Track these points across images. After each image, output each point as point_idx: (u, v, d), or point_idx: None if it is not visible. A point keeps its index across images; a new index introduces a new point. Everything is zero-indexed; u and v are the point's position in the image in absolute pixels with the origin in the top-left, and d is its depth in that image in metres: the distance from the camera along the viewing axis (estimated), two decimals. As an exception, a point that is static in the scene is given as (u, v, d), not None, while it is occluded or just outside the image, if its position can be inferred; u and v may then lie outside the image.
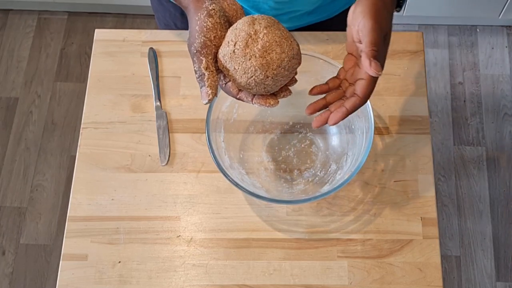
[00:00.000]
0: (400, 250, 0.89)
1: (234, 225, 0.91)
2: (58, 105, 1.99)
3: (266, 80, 0.70)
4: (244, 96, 0.73)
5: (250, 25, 0.70)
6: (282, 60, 0.70)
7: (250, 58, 0.69)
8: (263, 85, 0.70)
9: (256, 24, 0.70)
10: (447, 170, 1.87)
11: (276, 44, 0.69)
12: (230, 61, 0.70)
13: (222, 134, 0.89)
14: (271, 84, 0.71)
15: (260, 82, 0.70)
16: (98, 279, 0.88)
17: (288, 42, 0.70)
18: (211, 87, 0.69)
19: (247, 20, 0.70)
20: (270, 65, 0.69)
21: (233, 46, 0.69)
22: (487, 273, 1.75)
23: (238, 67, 0.69)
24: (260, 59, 0.69)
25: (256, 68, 0.69)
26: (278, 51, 0.69)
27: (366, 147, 0.83)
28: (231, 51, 0.69)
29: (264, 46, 0.69)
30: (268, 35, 0.69)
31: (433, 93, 1.98)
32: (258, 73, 0.69)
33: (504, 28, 2.08)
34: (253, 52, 0.69)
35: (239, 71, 0.70)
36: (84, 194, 0.93)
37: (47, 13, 2.13)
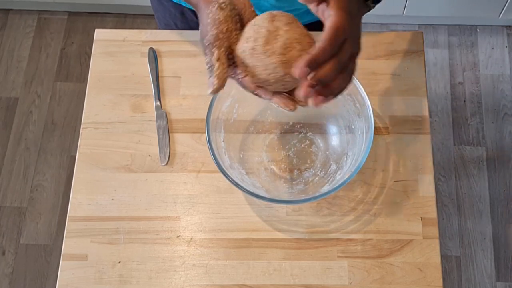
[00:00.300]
0: (400, 250, 0.89)
1: (234, 225, 0.91)
2: (58, 105, 1.99)
3: (285, 77, 0.69)
4: (263, 93, 0.72)
5: (270, 21, 0.69)
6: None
7: (270, 55, 0.68)
8: (282, 82, 0.70)
9: (276, 21, 0.69)
10: (447, 170, 1.87)
11: (296, 42, 0.68)
12: (250, 58, 0.69)
13: (222, 134, 0.89)
14: (290, 81, 0.70)
15: (280, 79, 0.69)
16: (98, 279, 0.88)
17: (307, 39, 0.69)
18: (218, 78, 0.68)
19: (267, 17, 0.70)
20: (290, 63, 0.68)
21: (253, 42, 0.68)
22: (487, 273, 1.75)
23: (258, 63, 0.69)
24: (280, 56, 0.68)
25: (276, 65, 0.68)
26: (299, 48, 0.68)
27: (366, 147, 0.83)
28: (251, 47, 0.69)
29: (285, 43, 0.68)
30: (289, 32, 0.68)
31: (433, 93, 1.98)
32: (278, 70, 0.68)
33: (504, 28, 2.08)
34: (273, 49, 0.68)
35: (259, 67, 0.69)
36: (84, 194, 0.93)
37: (47, 13, 2.13)
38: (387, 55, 1.01)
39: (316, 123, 0.96)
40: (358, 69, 0.99)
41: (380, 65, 1.00)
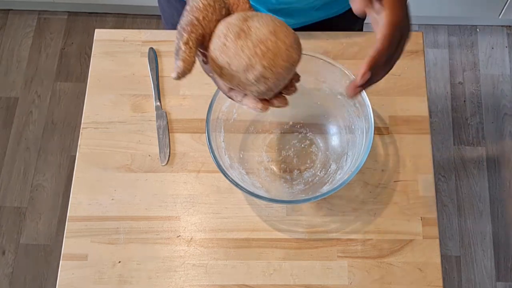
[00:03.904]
0: (400, 250, 0.89)
1: (234, 225, 0.91)
2: (58, 105, 1.99)
3: (265, 73, 0.64)
4: (234, 94, 0.69)
5: (243, 21, 0.65)
6: (279, 48, 0.64)
7: (242, 49, 0.64)
8: (264, 80, 0.65)
9: (250, 21, 0.65)
10: (447, 170, 1.87)
11: (270, 34, 0.64)
12: (221, 55, 0.65)
13: (222, 134, 0.89)
14: (271, 78, 0.65)
15: (260, 77, 0.64)
16: (98, 279, 0.88)
17: (283, 32, 0.65)
18: (184, 61, 0.63)
19: (240, 17, 0.66)
20: (265, 54, 0.63)
21: (224, 38, 0.64)
22: (487, 273, 1.75)
23: (231, 60, 0.64)
24: (253, 48, 0.63)
25: (250, 57, 0.63)
26: (273, 39, 0.64)
27: (366, 147, 0.83)
28: (222, 43, 0.64)
29: (257, 37, 0.64)
30: (261, 28, 0.64)
31: (433, 93, 1.98)
32: (253, 63, 0.63)
33: (504, 28, 2.08)
34: (245, 43, 0.64)
35: (233, 64, 0.64)
36: (84, 194, 0.93)
37: (47, 13, 2.13)
38: (387, 55, 1.00)
39: (316, 123, 0.96)
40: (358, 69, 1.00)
41: (380, 65, 1.00)
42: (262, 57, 0.64)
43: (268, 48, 0.64)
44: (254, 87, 0.66)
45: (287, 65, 0.65)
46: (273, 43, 0.64)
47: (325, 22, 1.07)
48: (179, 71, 0.63)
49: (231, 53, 0.64)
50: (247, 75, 0.64)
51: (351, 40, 1.01)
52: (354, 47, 1.01)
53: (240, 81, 0.66)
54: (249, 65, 0.64)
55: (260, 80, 0.65)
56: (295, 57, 0.66)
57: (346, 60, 0.99)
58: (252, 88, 0.66)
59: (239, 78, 0.65)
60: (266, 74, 0.64)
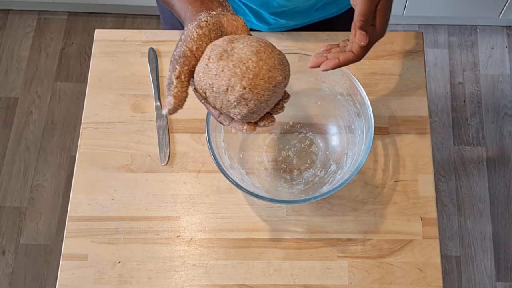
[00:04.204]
0: (400, 250, 0.89)
1: (234, 225, 0.91)
2: (58, 105, 1.99)
3: (244, 93, 0.62)
4: (223, 118, 0.68)
5: (228, 42, 0.64)
6: (260, 68, 0.62)
7: (223, 69, 0.62)
8: (244, 102, 0.63)
9: (235, 42, 0.64)
10: (447, 170, 1.87)
11: (252, 53, 0.63)
12: (204, 77, 0.64)
13: (222, 134, 0.89)
14: (252, 100, 0.63)
15: (240, 98, 0.62)
16: (98, 279, 0.88)
17: (267, 52, 0.64)
18: (175, 97, 0.64)
19: (227, 39, 0.65)
20: (245, 74, 0.62)
21: (207, 59, 0.64)
22: (487, 273, 1.75)
23: (212, 81, 0.63)
24: (234, 69, 0.62)
25: (230, 77, 0.62)
26: (255, 59, 0.62)
27: (366, 147, 0.83)
28: (204, 64, 0.64)
29: (238, 57, 0.63)
30: (244, 48, 0.63)
31: (433, 93, 1.98)
32: (233, 83, 0.62)
33: (504, 28, 2.08)
34: (226, 63, 0.62)
35: (215, 86, 0.63)
36: (84, 194, 0.93)
37: (47, 13, 2.13)
38: (387, 55, 1.01)
39: (316, 123, 0.96)
40: (358, 69, 1.00)
41: (380, 65, 1.00)
42: (242, 77, 0.62)
43: (248, 68, 0.62)
44: (236, 109, 0.64)
45: (268, 87, 0.63)
46: (254, 63, 0.62)
47: (325, 22, 1.07)
48: (170, 107, 0.64)
49: (212, 74, 0.63)
50: (228, 96, 0.63)
51: (351, 40, 1.01)
52: (354, 47, 1.01)
53: (222, 104, 0.65)
54: (229, 85, 0.63)
55: (240, 101, 0.63)
56: (278, 79, 0.64)
57: (346, 60, 0.99)
58: (234, 110, 0.65)
59: (221, 100, 0.64)
60: (246, 95, 0.63)
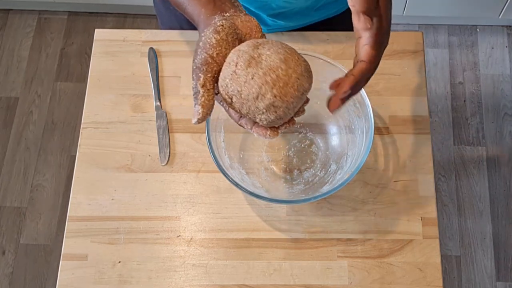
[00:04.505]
0: (400, 250, 0.89)
1: (234, 225, 0.91)
2: (58, 105, 1.99)
3: (275, 101, 0.63)
4: (245, 122, 0.68)
5: (254, 49, 0.64)
6: (290, 77, 0.64)
7: (253, 77, 0.63)
8: (273, 109, 0.64)
9: (260, 48, 0.65)
10: (447, 170, 1.87)
11: (281, 61, 0.64)
12: (232, 83, 0.64)
13: (222, 134, 0.89)
14: (281, 107, 0.64)
15: (269, 105, 0.63)
16: (98, 279, 0.88)
17: (294, 59, 0.65)
18: (203, 106, 0.64)
19: (251, 44, 0.65)
20: (276, 83, 0.63)
21: (235, 66, 0.64)
22: (487, 273, 1.75)
23: (241, 88, 0.63)
24: (264, 77, 0.63)
25: (261, 85, 0.63)
26: (284, 67, 0.63)
27: (366, 147, 0.83)
28: (232, 71, 0.64)
29: (268, 65, 0.63)
30: (272, 56, 0.64)
31: (433, 93, 1.98)
32: (263, 91, 0.63)
33: (504, 28, 2.08)
34: (256, 71, 0.63)
35: (243, 92, 0.63)
36: (84, 194, 0.93)
37: (47, 13, 2.13)
38: (387, 55, 1.01)
39: (316, 123, 0.96)
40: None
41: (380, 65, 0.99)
42: (272, 85, 0.63)
43: (278, 76, 0.63)
44: (263, 116, 0.65)
45: (297, 94, 0.65)
46: (283, 71, 0.63)
47: (325, 22, 1.07)
48: (199, 117, 0.64)
49: (241, 81, 0.64)
50: (257, 103, 0.64)
51: (351, 40, 1.01)
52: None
53: (249, 110, 0.65)
54: (260, 93, 0.63)
55: (270, 108, 0.64)
56: (305, 86, 0.66)
57: (346, 60, 0.99)
58: (261, 116, 0.65)
59: (249, 106, 0.65)
60: (276, 103, 0.64)
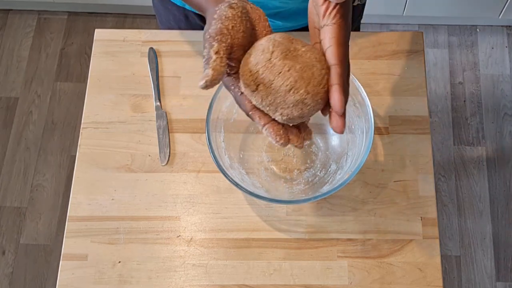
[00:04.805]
0: (400, 250, 0.89)
1: (234, 225, 0.91)
2: (58, 105, 1.99)
3: (306, 98, 0.62)
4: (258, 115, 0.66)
5: (289, 42, 0.64)
6: (323, 77, 0.63)
7: (289, 69, 0.62)
8: (301, 106, 0.63)
9: (295, 43, 0.65)
10: (447, 170, 1.88)
11: (316, 60, 0.63)
12: (264, 70, 0.62)
13: (222, 134, 0.89)
14: (309, 105, 0.63)
15: (299, 101, 0.63)
16: (98, 279, 0.88)
17: (324, 59, 0.65)
18: (214, 69, 0.60)
19: (286, 37, 0.65)
20: (311, 81, 0.62)
21: (270, 54, 0.62)
22: (487, 273, 1.75)
23: (274, 78, 0.62)
24: (301, 72, 0.62)
25: (297, 79, 0.62)
26: (319, 66, 0.63)
27: (366, 147, 0.83)
28: (267, 58, 0.62)
29: (304, 61, 0.63)
30: (308, 53, 0.64)
31: (433, 93, 1.98)
32: (297, 86, 0.62)
33: (504, 28, 2.08)
34: (293, 64, 0.62)
35: (276, 83, 0.62)
36: (84, 194, 0.93)
37: (47, 13, 2.13)
38: (387, 55, 1.01)
39: (316, 123, 0.96)
40: (358, 69, 1.00)
41: (380, 65, 1.00)
42: (308, 82, 0.62)
43: (313, 74, 0.63)
44: (287, 110, 0.64)
45: (326, 96, 0.64)
46: (318, 70, 0.63)
47: None
48: (208, 78, 0.61)
49: (275, 71, 0.62)
50: (287, 96, 0.63)
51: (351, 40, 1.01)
52: (354, 47, 1.01)
53: (274, 101, 0.64)
54: (294, 87, 0.62)
55: (298, 104, 0.63)
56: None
57: (346, 60, 0.99)
58: (284, 111, 0.64)
59: (275, 98, 0.63)
60: (307, 101, 0.63)
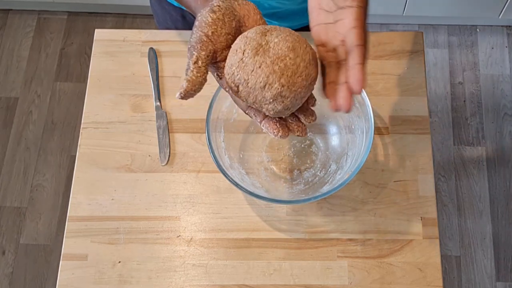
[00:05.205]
0: (400, 250, 0.89)
1: (234, 225, 0.91)
2: (58, 105, 1.99)
3: (282, 91, 0.62)
4: (253, 112, 0.67)
5: (261, 36, 0.63)
6: (298, 66, 0.62)
7: (260, 65, 0.62)
8: (281, 99, 0.63)
9: (268, 35, 0.64)
10: (447, 170, 1.87)
11: (289, 50, 0.62)
12: (239, 71, 0.63)
13: (222, 134, 0.89)
14: (289, 97, 0.63)
15: (277, 95, 0.62)
16: (98, 279, 0.88)
17: (302, 46, 0.63)
18: (188, 81, 0.62)
19: (259, 31, 0.64)
20: (284, 72, 0.62)
21: (242, 54, 0.63)
22: (487, 273, 1.75)
23: (248, 77, 0.62)
24: (272, 66, 0.62)
25: (268, 75, 0.62)
26: (292, 56, 0.62)
27: (366, 147, 0.83)
28: (239, 58, 0.63)
29: (275, 54, 0.62)
30: (280, 43, 0.63)
31: (433, 93, 1.98)
32: (271, 81, 0.62)
33: (504, 28, 2.08)
34: (263, 59, 0.62)
35: (250, 82, 0.62)
36: (84, 194, 0.93)
37: (47, 13, 2.13)
38: (387, 55, 1.01)
39: (316, 123, 0.95)
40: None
41: (380, 65, 1.00)
42: (280, 75, 0.62)
43: (286, 65, 0.62)
44: (270, 105, 0.64)
45: (305, 84, 0.64)
46: (291, 60, 0.62)
47: None
48: (181, 91, 0.62)
49: (248, 70, 0.63)
50: (264, 93, 0.63)
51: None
52: (354, 47, 1.01)
53: (256, 99, 0.64)
54: (267, 83, 0.62)
55: (277, 98, 0.63)
56: (313, 75, 0.65)
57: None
58: (268, 106, 0.64)
59: (255, 96, 0.64)
60: (284, 93, 0.63)
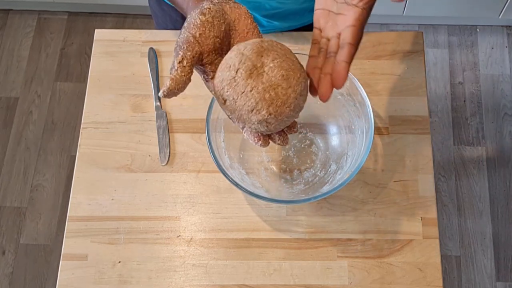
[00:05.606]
0: (400, 250, 0.89)
1: (234, 225, 0.91)
2: (58, 105, 1.99)
3: (268, 118, 0.63)
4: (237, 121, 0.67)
5: (257, 56, 0.63)
6: (288, 97, 0.63)
7: (251, 90, 0.62)
8: (265, 124, 0.64)
9: (264, 57, 0.63)
10: (447, 170, 1.87)
11: (282, 78, 0.63)
12: (229, 88, 0.63)
13: (222, 134, 0.89)
14: (273, 123, 0.64)
15: (262, 121, 0.63)
16: (98, 279, 0.88)
17: (296, 76, 0.64)
18: (172, 80, 0.62)
19: (256, 49, 0.64)
20: (273, 101, 0.62)
21: (235, 72, 0.63)
22: (487, 273, 1.75)
23: (237, 97, 0.63)
24: (262, 92, 0.62)
25: (258, 101, 0.62)
26: (285, 86, 0.62)
27: (366, 147, 0.83)
28: (231, 76, 0.63)
29: (269, 80, 0.62)
30: (275, 69, 0.63)
31: (433, 93, 1.98)
32: (259, 107, 0.62)
33: (504, 28, 2.08)
34: (255, 84, 0.62)
35: (238, 102, 0.63)
36: (84, 194, 0.93)
37: (47, 13, 2.13)
38: (387, 55, 1.01)
39: (316, 123, 0.96)
40: (358, 69, 1.00)
41: (380, 65, 1.00)
42: (270, 103, 0.63)
43: (277, 95, 0.63)
44: (253, 126, 0.65)
45: (292, 114, 0.64)
46: (283, 90, 0.63)
47: None
48: (165, 89, 0.63)
49: (239, 90, 0.63)
50: (250, 115, 0.63)
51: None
52: (354, 47, 1.01)
53: (241, 118, 0.65)
54: (255, 108, 0.63)
55: (262, 123, 0.64)
56: (301, 105, 0.65)
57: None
58: (251, 125, 0.65)
59: (241, 114, 0.64)
60: (270, 120, 0.64)
